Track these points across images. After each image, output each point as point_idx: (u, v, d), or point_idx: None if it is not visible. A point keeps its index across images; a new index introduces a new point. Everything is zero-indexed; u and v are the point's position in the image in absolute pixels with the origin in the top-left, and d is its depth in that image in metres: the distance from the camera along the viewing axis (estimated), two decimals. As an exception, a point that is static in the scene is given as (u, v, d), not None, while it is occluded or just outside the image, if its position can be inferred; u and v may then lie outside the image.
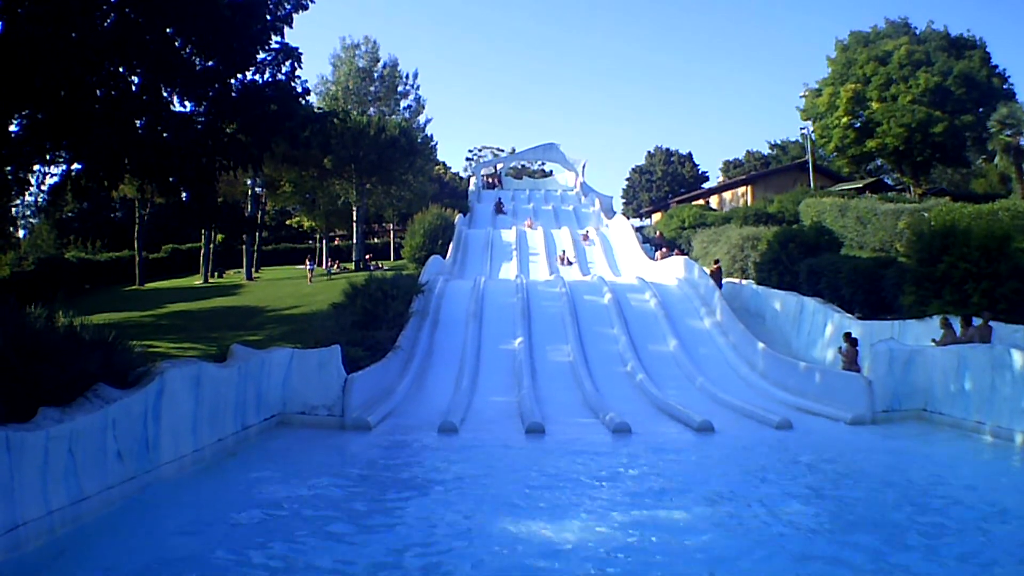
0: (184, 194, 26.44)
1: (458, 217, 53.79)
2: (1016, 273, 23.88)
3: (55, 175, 26.32)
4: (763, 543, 10.44)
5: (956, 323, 21.77)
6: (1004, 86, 65.40)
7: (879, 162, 72.85)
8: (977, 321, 21.49)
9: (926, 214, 31.31)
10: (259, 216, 61.07)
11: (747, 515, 11.81)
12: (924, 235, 27.17)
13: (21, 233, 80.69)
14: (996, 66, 66.14)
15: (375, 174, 61.20)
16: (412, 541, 10.76)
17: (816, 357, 27.76)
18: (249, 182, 59.65)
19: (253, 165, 25.46)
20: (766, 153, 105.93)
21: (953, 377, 18.90)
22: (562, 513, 12.00)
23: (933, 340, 21.85)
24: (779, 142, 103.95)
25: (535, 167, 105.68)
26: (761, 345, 27.20)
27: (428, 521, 11.69)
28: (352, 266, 61.45)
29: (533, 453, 17.04)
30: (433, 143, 72.66)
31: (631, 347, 28.65)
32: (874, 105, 64.26)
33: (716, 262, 38.97)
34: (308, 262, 61.68)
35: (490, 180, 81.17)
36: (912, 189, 63.24)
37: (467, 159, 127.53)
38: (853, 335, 24.65)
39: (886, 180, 70.29)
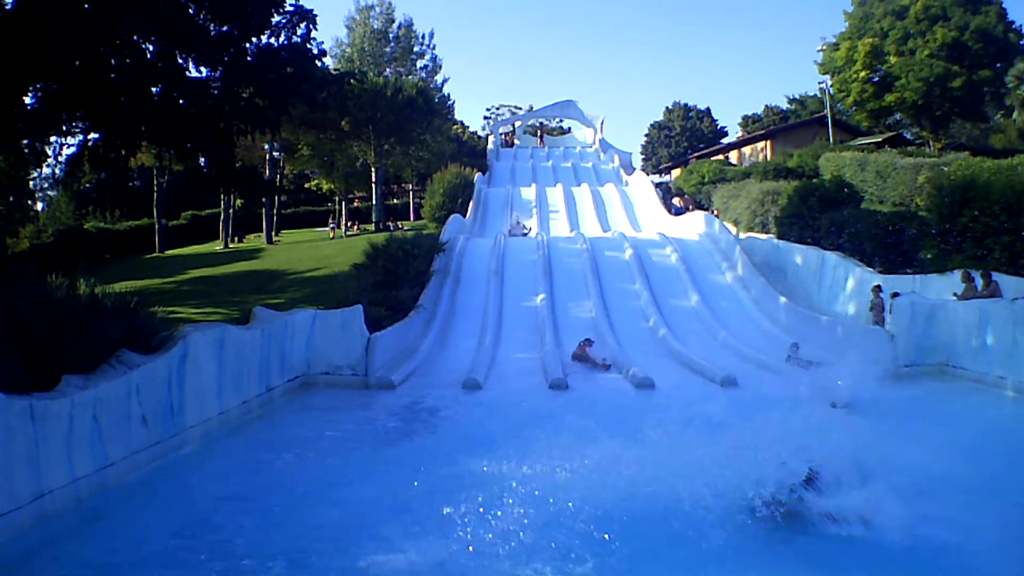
0: (202, 160, 26.47)
1: (477, 176, 53.60)
2: (1038, 228, 23.64)
3: (72, 146, 26.33)
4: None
5: (978, 278, 21.60)
6: (1021, 42, 64.58)
7: (898, 116, 72.10)
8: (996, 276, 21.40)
9: (946, 169, 30.95)
10: (278, 180, 61.05)
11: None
12: (944, 189, 26.92)
13: (40, 206, 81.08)
14: (1012, 22, 65.13)
15: (393, 135, 61.07)
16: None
17: (838, 311, 27.60)
18: (267, 146, 59.50)
19: (270, 129, 25.44)
20: (784, 108, 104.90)
21: (975, 332, 18.73)
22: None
23: (955, 294, 21.67)
24: (797, 96, 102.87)
25: (553, 124, 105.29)
26: (783, 299, 27.10)
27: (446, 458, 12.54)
28: (372, 227, 61.44)
29: (555, 409, 17.17)
30: (450, 103, 72.54)
31: (653, 302, 28.56)
32: (892, 59, 63.59)
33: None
34: (332, 221, 62.19)
35: (508, 139, 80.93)
36: (931, 143, 62.58)
37: (485, 118, 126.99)
38: (880, 287, 24.61)
39: (905, 135, 69.49)
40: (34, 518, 9.21)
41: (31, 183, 57.35)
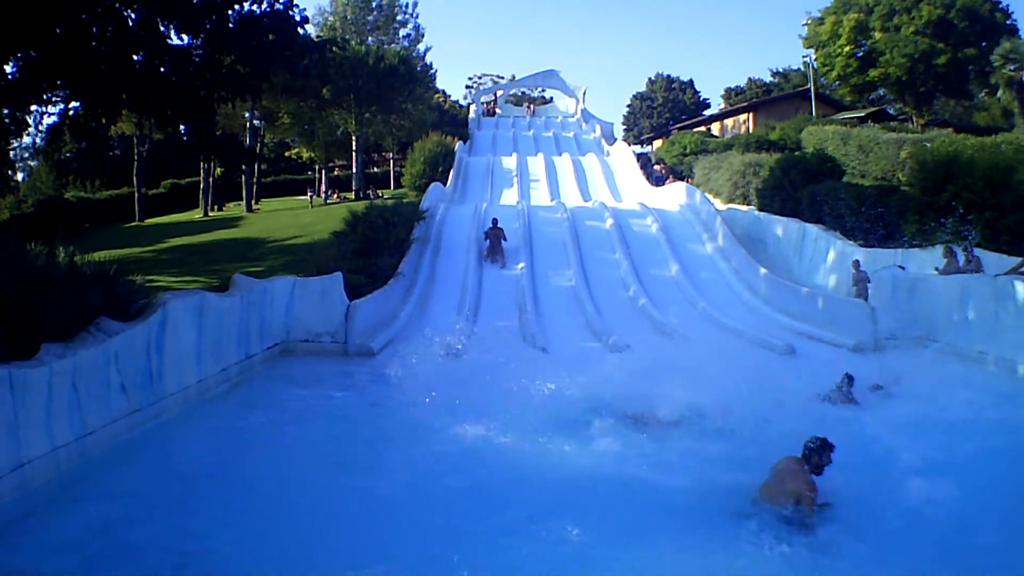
0: (183, 128, 26.31)
1: (458, 144, 53.36)
2: (1020, 205, 23.64)
3: (53, 115, 26.17)
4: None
5: (959, 253, 21.67)
6: (1007, 21, 64.62)
7: (881, 92, 72.16)
8: (977, 252, 21.48)
9: (928, 144, 31.02)
10: (258, 148, 60.73)
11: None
12: (927, 164, 26.99)
13: (20, 176, 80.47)
14: (999, 1, 65.37)
15: (374, 103, 60.78)
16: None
17: (818, 283, 27.69)
18: (247, 115, 59.15)
19: (251, 96, 25.34)
20: (768, 81, 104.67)
21: (956, 306, 18.80)
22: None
23: (936, 269, 21.76)
24: (781, 70, 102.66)
25: (535, 94, 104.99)
26: (763, 270, 27.12)
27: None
28: (352, 195, 61.25)
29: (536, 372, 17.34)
30: (432, 72, 72.02)
31: (633, 272, 28.56)
32: (877, 35, 63.59)
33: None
34: (310, 191, 62.04)
35: (489, 108, 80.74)
36: (914, 120, 62.73)
37: (467, 87, 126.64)
38: (860, 263, 24.73)
39: (888, 110, 69.42)
40: (14, 488, 9.21)
41: (11, 154, 56.85)
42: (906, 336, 19.99)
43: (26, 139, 73.59)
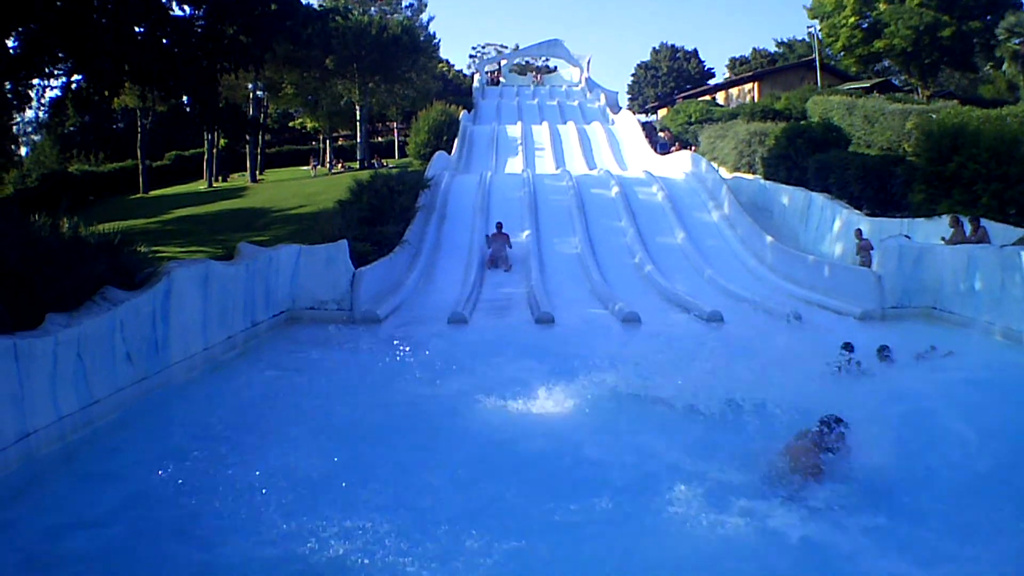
0: (186, 99, 26.21)
1: (463, 113, 53.23)
2: (1026, 177, 23.59)
3: (55, 87, 26.07)
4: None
5: (966, 223, 21.54)
6: (1012, -5, 64.14)
7: (886, 63, 71.62)
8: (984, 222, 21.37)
9: (934, 116, 30.81)
10: (261, 119, 60.51)
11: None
12: (933, 134, 26.82)
13: (24, 151, 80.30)
14: (1004, -26, 64.82)
15: (378, 73, 60.48)
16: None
17: (824, 252, 27.57)
18: (250, 86, 58.94)
19: (254, 66, 25.27)
20: (772, 51, 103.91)
21: (963, 276, 18.66)
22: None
23: (942, 238, 21.64)
24: (786, 40, 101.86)
25: (539, 63, 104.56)
26: (769, 238, 27.07)
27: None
28: (357, 165, 61.09)
29: (543, 340, 17.43)
30: (436, 41, 71.59)
31: (639, 240, 28.53)
32: (881, 6, 62.87)
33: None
34: (312, 161, 61.95)
35: (493, 77, 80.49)
36: (920, 91, 62.23)
37: (470, 57, 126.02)
38: (864, 232, 24.67)
39: (894, 81, 69.06)
40: (19, 459, 9.15)
41: (14, 128, 56.80)
42: (912, 306, 19.99)
43: (29, 113, 73.47)
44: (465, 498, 8.77)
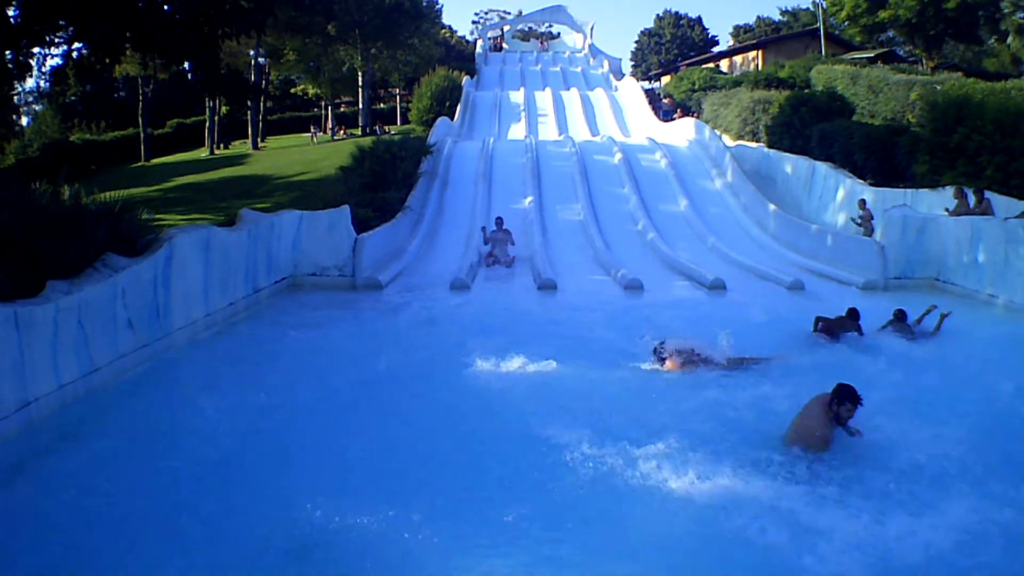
0: (187, 65, 26.06)
1: (465, 79, 53.11)
2: (1030, 149, 23.52)
3: (56, 56, 25.92)
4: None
5: (970, 195, 21.44)
6: (1017, -33, 63.64)
7: (891, 34, 71.18)
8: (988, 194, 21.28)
9: (938, 87, 30.66)
10: (263, 86, 60.36)
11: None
12: (938, 105, 26.70)
13: (25, 121, 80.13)
14: (1009, -54, 64.31)
15: (380, 39, 60.23)
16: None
17: (827, 221, 27.58)
18: (252, 52, 58.78)
19: (256, 32, 25.02)
20: (777, 19, 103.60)
21: (966, 248, 18.64)
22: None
23: (946, 209, 21.56)
24: (790, 9, 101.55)
25: (542, 29, 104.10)
26: (772, 207, 27.03)
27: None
28: (359, 131, 60.95)
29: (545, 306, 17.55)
30: (438, 7, 71.26)
31: (642, 207, 28.45)
32: (886, -24, 62.71)
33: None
34: (313, 128, 61.90)
35: (496, 43, 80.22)
36: (924, 62, 61.95)
37: (473, 23, 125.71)
38: (867, 202, 24.60)
39: (898, 52, 68.69)
40: (20, 427, 9.11)
41: (15, 98, 56.69)
42: (915, 277, 19.97)
43: (30, 83, 73.27)
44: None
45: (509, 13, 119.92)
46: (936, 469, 8.43)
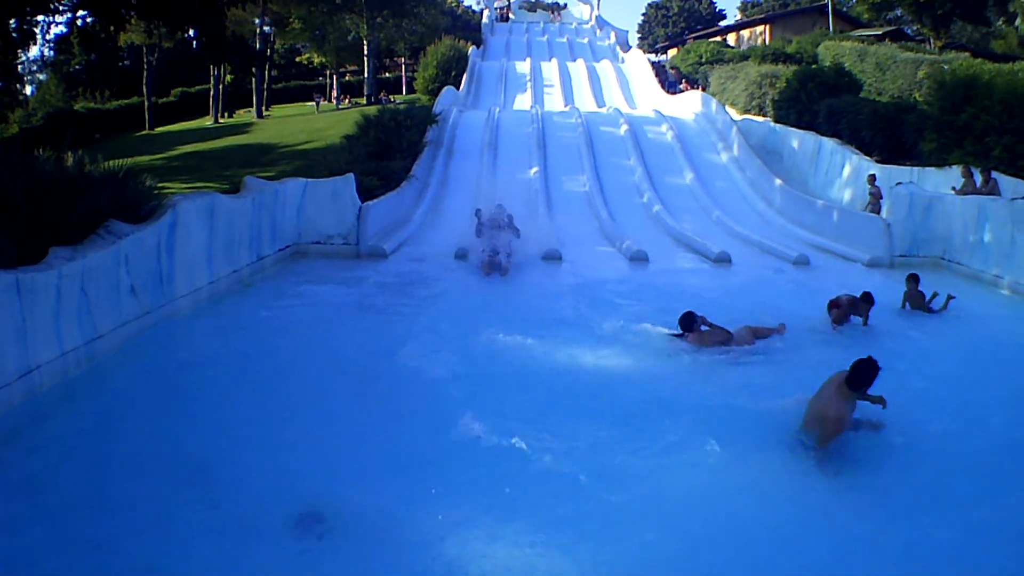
0: (192, 32, 25.95)
1: (471, 49, 52.89)
2: (1038, 130, 23.43)
3: (60, 24, 25.76)
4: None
5: (977, 174, 21.31)
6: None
7: (899, 12, 70.88)
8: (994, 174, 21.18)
9: (946, 67, 30.56)
10: (268, 54, 60.21)
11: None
12: (946, 84, 26.68)
13: (28, 90, 79.98)
14: (1019, -75, 63.80)
15: (386, 7, 60.01)
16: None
17: (833, 197, 27.54)
18: (257, 21, 58.54)
19: (262, -1, 24.93)
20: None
21: (973, 228, 18.54)
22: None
23: (953, 188, 21.46)
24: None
25: (549, 0, 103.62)
26: (778, 181, 26.96)
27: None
28: (364, 100, 60.77)
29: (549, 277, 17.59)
30: (445, -24, 71.27)
31: (647, 179, 28.34)
32: (896, -47, 62.31)
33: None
34: (316, 96, 61.83)
35: (503, 13, 79.88)
36: (931, 42, 61.68)
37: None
38: (876, 177, 24.52)
39: (906, 30, 68.57)
40: (22, 394, 9.07)
41: (19, 67, 56.58)
42: (921, 255, 19.87)
43: (34, 51, 72.96)
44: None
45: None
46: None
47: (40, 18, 24.66)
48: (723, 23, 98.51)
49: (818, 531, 7.07)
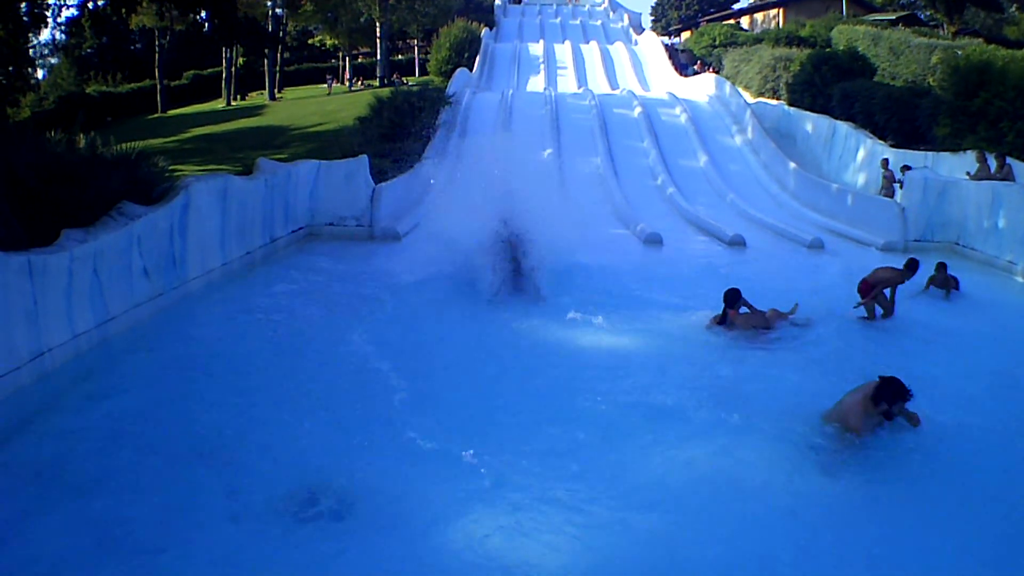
0: (204, 14, 25.88)
1: (484, 31, 52.77)
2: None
3: (71, 6, 25.72)
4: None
5: (991, 160, 21.12)
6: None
7: (913, -4, 70.90)
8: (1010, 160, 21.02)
9: (959, 52, 30.37)
10: (280, 35, 60.09)
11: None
12: (960, 69, 26.52)
13: (40, 74, 79.95)
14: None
15: (398, -11, 59.99)
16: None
17: (847, 181, 27.42)
18: (269, 3, 58.49)
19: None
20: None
21: (987, 213, 18.36)
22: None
23: (967, 173, 21.28)
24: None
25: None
26: (792, 165, 26.87)
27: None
28: (377, 83, 60.68)
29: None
30: (458, -42, 70.94)
31: (661, 161, 28.26)
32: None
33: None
34: (329, 78, 61.78)
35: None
36: (945, 27, 61.46)
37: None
38: (889, 161, 24.40)
39: (919, 15, 68.26)
40: (34, 377, 9.03)
41: (31, 51, 56.61)
42: (935, 240, 19.75)
43: (45, 35, 72.87)
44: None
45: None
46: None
47: (51, 1, 24.59)
48: (736, 6, 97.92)
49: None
